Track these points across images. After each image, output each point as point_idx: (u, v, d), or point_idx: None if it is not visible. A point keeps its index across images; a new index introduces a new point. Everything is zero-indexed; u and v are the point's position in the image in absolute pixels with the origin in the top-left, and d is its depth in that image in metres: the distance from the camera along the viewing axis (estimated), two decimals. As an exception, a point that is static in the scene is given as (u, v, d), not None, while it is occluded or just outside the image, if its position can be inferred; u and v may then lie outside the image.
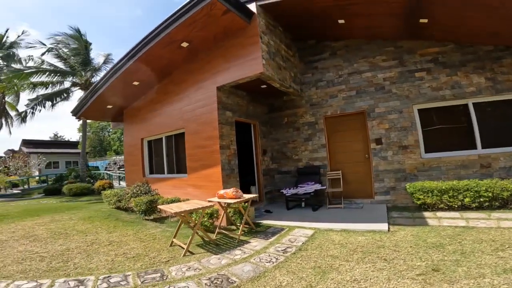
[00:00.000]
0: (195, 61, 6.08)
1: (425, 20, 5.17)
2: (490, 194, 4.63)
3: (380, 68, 6.28)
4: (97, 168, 21.87)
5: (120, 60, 6.09)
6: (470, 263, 2.77)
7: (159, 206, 4.47)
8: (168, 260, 3.59)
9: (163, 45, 5.45)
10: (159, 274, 3.12)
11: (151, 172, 7.70)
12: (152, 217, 6.18)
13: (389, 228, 4.27)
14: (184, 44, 5.54)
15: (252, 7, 5.14)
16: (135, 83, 6.74)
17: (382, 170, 6.07)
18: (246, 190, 6.96)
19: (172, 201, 5.48)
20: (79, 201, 10.75)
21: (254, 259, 3.47)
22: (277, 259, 3.41)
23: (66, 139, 37.99)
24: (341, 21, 5.76)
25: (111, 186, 12.73)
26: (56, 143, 24.87)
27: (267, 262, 3.32)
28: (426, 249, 3.26)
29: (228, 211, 4.92)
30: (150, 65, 6.17)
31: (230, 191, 4.45)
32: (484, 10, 4.50)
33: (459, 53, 5.72)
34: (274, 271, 3.06)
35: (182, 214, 3.87)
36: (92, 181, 15.16)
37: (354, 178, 6.44)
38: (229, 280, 2.91)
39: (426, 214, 4.92)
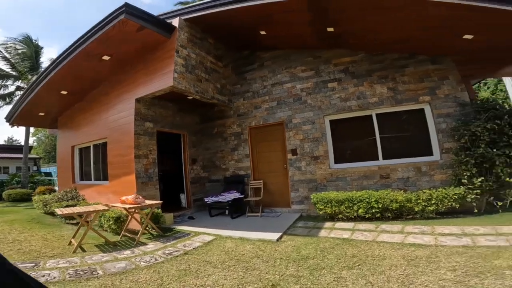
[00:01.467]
0: (121, 73, 6.53)
1: (332, 29, 5.59)
2: (380, 205, 5.17)
3: (299, 79, 6.92)
4: (49, 174, 21.41)
5: (45, 70, 6.42)
6: (308, 281, 2.98)
7: (54, 209, 4.83)
8: (54, 255, 4.05)
9: (83, 58, 5.90)
10: (33, 264, 3.62)
11: (81, 179, 8.03)
12: (75, 221, 6.46)
13: (280, 238, 4.72)
14: (106, 57, 6.00)
15: (175, 21, 5.66)
16: (63, 92, 7.08)
17: (297, 180, 6.66)
18: (177, 198, 7.35)
19: (74, 205, 6.07)
20: (17, 207, 10.87)
21: (136, 258, 3.92)
22: (156, 260, 3.88)
23: (22, 144, 37.01)
24: (263, 32, 6.26)
25: (52, 192, 12.76)
26: (6, 147, 24.10)
27: (143, 262, 3.78)
28: (290, 262, 3.56)
29: (140, 216, 5.28)
30: (76, 76, 6.56)
31: (131, 197, 4.87)
32: (382, 13, 4.86)
33: (367, 62, 6.30)
34: (143, 269, 3.51)
35: (81, 216, 4.24)
36: (34, 186, 15.03)
37: (275, 188, 7.00)
38: (94, 272, 3.38)
39: (326, 224, 5.38)
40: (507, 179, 4.69)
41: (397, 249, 3.70)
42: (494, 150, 4.71)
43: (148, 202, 5.05)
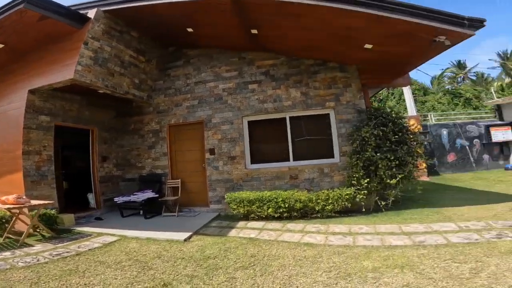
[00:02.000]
0: (17, 61, 5.80)
1: (255, 31, 5.67)
2: (287, 205, 5.48)
3: (223, 79, 6.99)
4: None
5: None
6: (200, 281, 3.04)
7: None
8: None
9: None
10: None
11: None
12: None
13: (190, 237, 4.72)
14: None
15: (92, 12, 5.21)
16: None
17: (214, 180, 6.73)
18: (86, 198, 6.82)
19: None
20: None
21: (15, 259, 3.66)
22: (38, 260, 3.63)
23: None
24: (189, 30, 6.13)
25: None
26: None
27: (22, 263, 3.54)
28: (191, 262, 3.62)
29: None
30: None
31: (12, 197, 4.43)
32: (293, 20, 5.07)
33: (286, 66, 6.65)
34: (19, 269, 3.29)
35: None
36: None
37: (194, 187, 6.97)
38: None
39: (240, 223, 5.53)
40: (388, 181, 5.40)
41: (292, 248, 3.92)
42: (378, 154, 5.38)
43: (34, 202, 4.60)
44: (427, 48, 5.02)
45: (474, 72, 28.28)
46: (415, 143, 5.70)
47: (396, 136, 5.45)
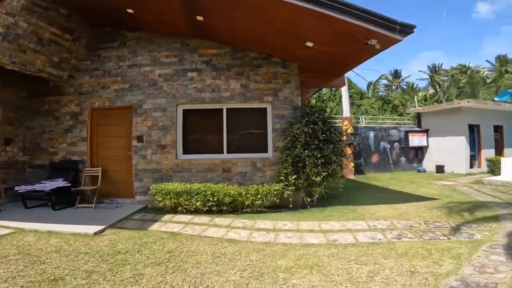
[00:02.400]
0: None
1: (201, 18, 5.41)
2: (216, 199, 5.33)
3: (160, 64, 6.49)
4: None
5: None
6: (100, 277, 2.83)
7: None
8: None
9: None
10: None
11: None
12: None
13: (102, 231, 4.34)
14: None
15: None
16: None
17: (141, 169, 6.26)
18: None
19: None
20: None
21: None
22: None
23: None
24: (130, 10, 5.54)
25: None
26: None
27: None
28: (95, 257, 3.32)
29: None
30: None
31: None
32: (244, 11, 4.96)
33: (230, 57, 6.42)
34: None
35: None
36: None
37: (118, 176, 6.40)
38: None
39: (166, 217, 5.25)
40: (314, 178, 5.64)
41: (213, 244, 3.82)
42: (306, 151, 5.58)
43: None
44: (361, 50, 5.31)
45: (406, 82, 32.06)
46: (341, 142, 6.05)
47: (324, 135, 5.69)
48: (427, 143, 13.38)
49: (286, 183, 5.68)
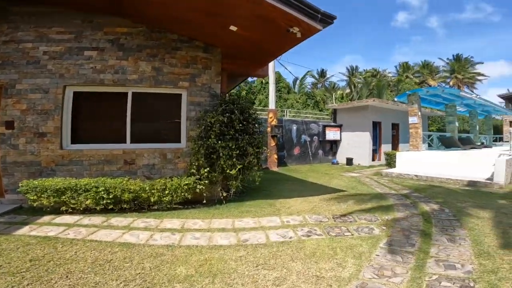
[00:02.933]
0: None
1: None
2: (112, 196, 4.50)
3: (48, 41, 5.17)
4: None
5: None
6: None
7: None
8: None
9: None
10: None
11: None
12: None
13: None
14: None
15: None
16: None
17: (12, 162, 4.89)
18: None
19: None
20: None
21: None
22: None
23: None
24: None
25: None
26: None
27: None
28: None
29: None
30: None
31: None
32: None
33: (144, 38, 5.56)
34: None
35: None
36: None
37: (-23, 171, 4.81)
38: None
39: (43, 219, 4.29)
40: (228, 171, 5.24)
41: (99, 250, 3.22)
42: (220, 142, 5.12)
43: None
44: (283, 38, 5.18)
45: (330, 81, 35.18)
46: (259, 133, 5.79)
47: (241, 125, 5.34)
48: (340, 137, 14.61)
49: (199, 176, 5.16)
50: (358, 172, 10.97)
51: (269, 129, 11.95)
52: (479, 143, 15.25)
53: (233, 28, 5.05)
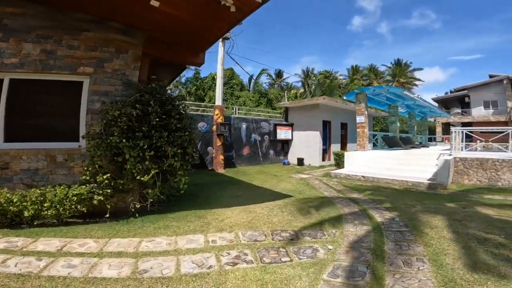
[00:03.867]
0: None
1: None
2: None
3: None
4: None
5: None
6: None
7: None
8: None
9: None
10: None
11: None
12: None
13: None
14: None
15: None
16: None
17: None
18: None
19: None
20: None
21: None
22: None
23: None
24: None
25: None
26: None
27: None
28: None
29: None
30: None
31: None
32: None
33: (41, 18, 4.24)
34: None
35: None
36: None
37: None
38: None
39: None
40: (139, 177, 4.02)
41: None
42: (126, 140, 3.86)
43: None
44: (217, 15, 4.44)
45: (286, 82, 35.39)
46: (186, 130, 4.62)
47: (158, 119, 4.14)
48: (292, 137, 14.08)
49: (95, 184, 3.86)
50: (308, 173, 10.42)
51: (214, 127, 10.80)
52: (417, 143, 16.07)
53: (154, 3, 4.00)
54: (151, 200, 4.37)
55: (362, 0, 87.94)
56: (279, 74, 36.48)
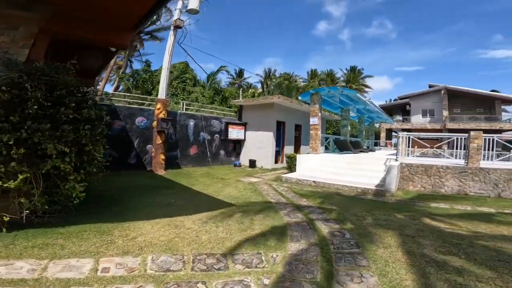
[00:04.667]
0: None
1: None
2: None
3: None
4: None
5: None
6: None
7: None
8: None
9: None
10: None
11: None
12: None
13: None
14: None
15: None
16: None
17: None
18: None
19: None
20: None
21: None
22: None
23: None
24: None
25: None
26: None
27: None
28: None
29: None
30: None
31: None
32: None
33: None
34: None
35: None
36: None
37: None
38: None
39: None
40: (1, 183, 2.79)
41: None
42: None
43: None
44: None
45: (247, 82, 34.69)
46: (87, 123, 3.46)
47: (38, 107, 2.94)
48: (245, 137, 13.29)
49: None
50: (258, 176, 9.69)
51: (155, 123, 9.47)
52: (365, 147, 16.53)
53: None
54: (27, 212, 3.15)
55: (330, 5, 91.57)
56: (240, 73, 35.79)
